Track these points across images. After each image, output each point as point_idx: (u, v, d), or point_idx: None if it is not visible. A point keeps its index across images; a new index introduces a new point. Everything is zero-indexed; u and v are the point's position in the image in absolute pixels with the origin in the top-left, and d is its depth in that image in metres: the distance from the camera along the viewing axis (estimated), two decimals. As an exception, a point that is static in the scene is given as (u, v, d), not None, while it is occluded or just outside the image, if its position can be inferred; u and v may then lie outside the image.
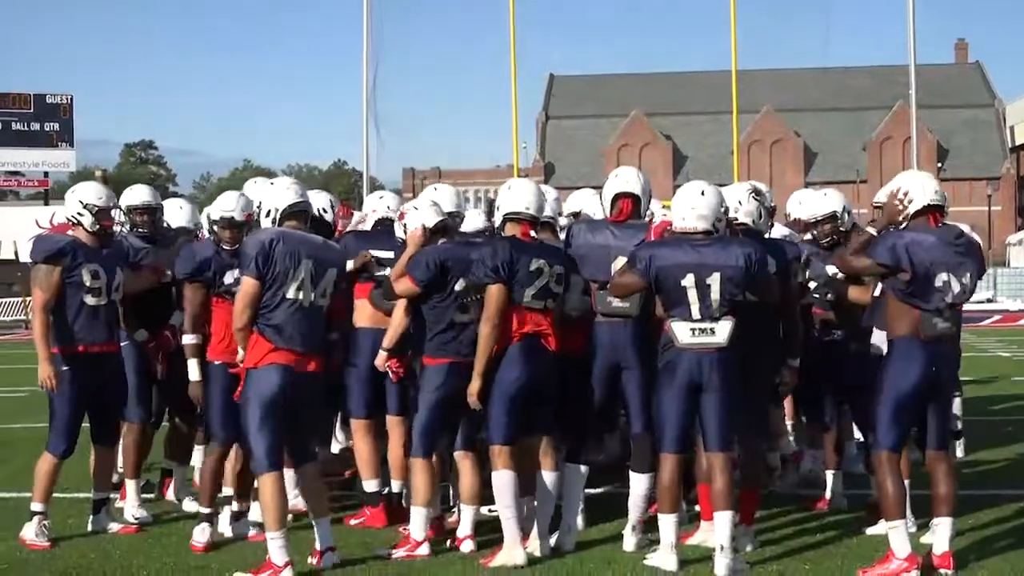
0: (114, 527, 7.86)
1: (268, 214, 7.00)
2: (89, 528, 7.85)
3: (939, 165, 74.36)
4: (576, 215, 8.48)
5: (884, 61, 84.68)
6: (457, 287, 7.20)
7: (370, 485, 7.99)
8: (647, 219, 7.60)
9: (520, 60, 27.35)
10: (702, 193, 6.82)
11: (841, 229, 8.04)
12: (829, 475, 8.34)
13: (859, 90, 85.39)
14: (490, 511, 7.53)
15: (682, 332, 6.69)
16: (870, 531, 7.51)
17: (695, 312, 6.67)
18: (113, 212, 7.73)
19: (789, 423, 9.68)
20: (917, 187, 6.75)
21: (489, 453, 7.04)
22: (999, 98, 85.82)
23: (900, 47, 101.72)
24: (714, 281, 6.65)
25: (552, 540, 7.18)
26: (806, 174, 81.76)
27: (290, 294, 6.76)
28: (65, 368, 7.47)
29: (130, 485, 8.33)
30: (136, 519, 8.09)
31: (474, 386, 6.94)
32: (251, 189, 7.99)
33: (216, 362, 7.47)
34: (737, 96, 31.06)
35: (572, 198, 8.83)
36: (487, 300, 6.93)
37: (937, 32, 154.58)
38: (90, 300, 7.53)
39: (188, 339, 7.62)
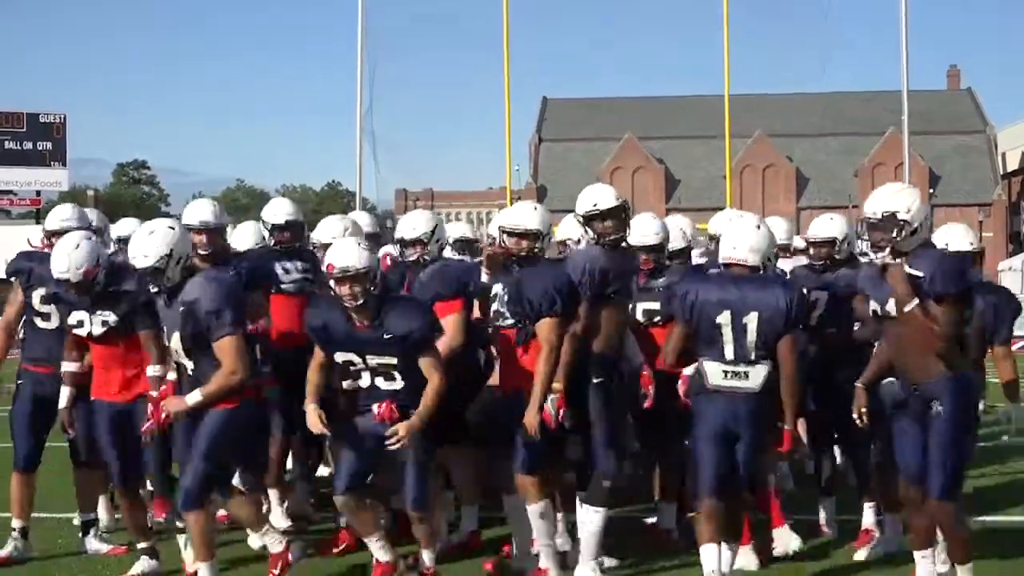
0: (104, 548, 7.83)
1: (179, 262, 6.43)
2: (85, 549, 7.81)
3: (931, 191, 74.54)
4: (564, 242, 8.26)
5: (876, 87, 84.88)
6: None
7: None
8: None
9: (513, 83, 27.49)
10: (758, 227, 6.60)
11: (836, 257, 8.00)
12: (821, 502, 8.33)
13: (851, 116, 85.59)
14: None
15: (714, 373, 6.38)
16: (860, 556, 7.52)
17: (728, 353, 6.37)
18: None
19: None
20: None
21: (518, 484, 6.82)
22: (991, 124, 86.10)
23: (892, 73, 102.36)
24: (751, 321, 6.34)
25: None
26: (798, 199, 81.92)
27: None
28: (19, 382, 7.64)
29: (100, 501, 8.31)
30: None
31: (533, 418, 6.58)
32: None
33: (104, 400, 7.11)
34: (729, 120, 31.21)
35: (564, 223, 8.73)
36: (544, 330, 6.61)
37: (929, 59, 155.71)
38: (39, 323, 7.57)
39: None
